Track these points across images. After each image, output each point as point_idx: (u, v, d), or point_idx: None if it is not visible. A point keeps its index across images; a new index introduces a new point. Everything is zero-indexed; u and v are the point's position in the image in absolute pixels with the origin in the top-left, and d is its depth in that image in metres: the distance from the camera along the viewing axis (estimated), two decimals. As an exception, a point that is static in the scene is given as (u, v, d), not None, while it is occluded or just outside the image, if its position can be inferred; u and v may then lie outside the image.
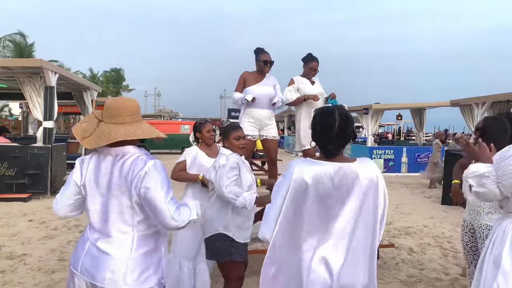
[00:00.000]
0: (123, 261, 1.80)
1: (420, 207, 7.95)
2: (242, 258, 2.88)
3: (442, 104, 13.56)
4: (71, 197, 1.94)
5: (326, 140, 1.75)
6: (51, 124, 8.53)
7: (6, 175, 8.17)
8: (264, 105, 4.24)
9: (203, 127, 3.44)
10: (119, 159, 1.84)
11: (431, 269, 4.37)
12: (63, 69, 10.93)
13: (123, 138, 1.83)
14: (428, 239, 5.59)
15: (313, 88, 4.40)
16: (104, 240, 1.84)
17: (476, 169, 1.97)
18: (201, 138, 3.45)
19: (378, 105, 14.42)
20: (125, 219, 1.84)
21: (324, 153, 1.79)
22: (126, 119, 1.87)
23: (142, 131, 1.88)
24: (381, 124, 32.21)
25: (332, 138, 1.74)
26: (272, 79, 4.34)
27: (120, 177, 1.81)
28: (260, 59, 4.22)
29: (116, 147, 1.85)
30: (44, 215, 6.64)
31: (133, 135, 1.85)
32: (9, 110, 25.68)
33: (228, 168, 2.76)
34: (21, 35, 24.64)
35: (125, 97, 2.04)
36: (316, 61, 4.42)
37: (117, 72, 38.55)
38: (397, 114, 21.48)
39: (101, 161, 1.88)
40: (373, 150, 13.41)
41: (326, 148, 1.76)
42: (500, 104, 9.81)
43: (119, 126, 1.86)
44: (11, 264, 4.37)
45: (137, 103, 1.95)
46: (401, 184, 11.23)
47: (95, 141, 1.83)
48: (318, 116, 1.82)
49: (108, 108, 1.89)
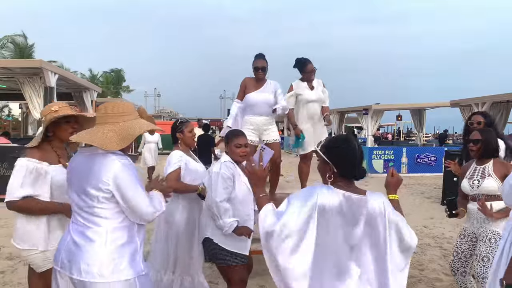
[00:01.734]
0: (97, 254, 1.85)
1: (420, 207, 7.95)
2: (239, 262, 2.82)
3: (442, 105, 13.56)
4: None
5: (355, 164, 1.76)
6: (51, 124, 8.52)
7: (6, 175, 8.15)
8: (262, 111, 4.20)
9: (185, 126, 3.20)
10: (91, 157, 1.93)
11: (431, 269, 4.37)
12: (63, 70, 10.93)
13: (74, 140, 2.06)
14: (428, 240, 5.60)
15: (311, 94, 4.39)
16: (80, 233, 1.90)
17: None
18: (182, 138, 3.20)
19: (378, 105, 14.42)
20: (98, 213, 1.89)
21: (353, 177, 1.78)
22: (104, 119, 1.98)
23: (95, 138, 1.92)
24: (381, 124, 32.22)
25: (358, 162, 1.77)
26: (273, 84, 4.26)
27: (92, 175, 1.88)
28: (253, 65, 4.19)
29: (91, 146, 1.95)
30: (44, 215, 6.63)
31: (91, 141, 1.91)
32: (8, 110, 25.67)
33: (222, 178, 2.72)
34: (21, 35, 24.66)
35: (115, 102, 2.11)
36: (310, 63, 4.40)
37: (117, 72, 38.54)
38: (397, 115, 21.49)
39: (76, 159, 2.02)
40: (373, 151, 13.40)
41: (358, 171, 1.77)
42: (500, 104, 9.82)
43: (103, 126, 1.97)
44: (11, 265, 4.37)
45: (104, 105, 2.04)
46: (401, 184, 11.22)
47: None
48: (340, 143, 1.79)
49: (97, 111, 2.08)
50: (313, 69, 4.39)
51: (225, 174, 2.73)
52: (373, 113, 14.13)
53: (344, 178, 1.77)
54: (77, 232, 1.90)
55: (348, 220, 1.67)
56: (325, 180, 1.81)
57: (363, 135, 16.94)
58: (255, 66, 4.17)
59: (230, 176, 2.75)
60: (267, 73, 4.23)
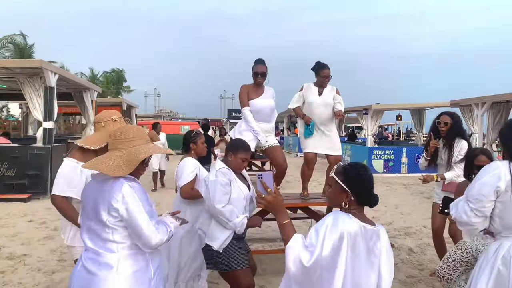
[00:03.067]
0: (109, 282, 1.82)
1: (419, 207, 7.96)
2: (244, 265, 2.80)
3: (442, 105, 13.55)
4: None
5: (372, 191, 1.78)
6: (51, 124, 8.54)
7: (6, 176, 8.17)
8: (266, 118, 4.18)
9: (199, 138, 3.42)
10: (102, 182, 1.92)
11: (430, 269, 4.37)
12: (63, 70, 10.93)
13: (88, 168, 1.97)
14: (427, 240, 5.59)
15: (317, 98, 4.30)
16: (92, 260, 1.87)
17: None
18: (195, 149, 3.41)
19: (378, 105, 14.42)
20: (109, 239, 1.87)
21: (370, 204, 1.79)
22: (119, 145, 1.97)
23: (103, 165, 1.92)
24: (381, 124, 32.20)
25: (373, 189, 1.79)
26: (271, 91, 4.24)
27: (102, 199, 1.87)
28: (253, 70, 4.14)
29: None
30: (44, 215, 6.64)
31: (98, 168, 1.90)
32: (7, 110, 25.67)
33: (220, 185, 2.71)
34: (21, 35, 24.66)
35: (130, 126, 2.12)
36: (328, 68, 4.29)
37: (117, 72, 38.56)
38: (397, 115, 21.48)
39: (89, 185, 2.02)
40: (373, 151, 13.41)
41: (374, 197, 1.79)
42: (500, 104, 9.82)
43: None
44: (11, 265, 4.38)
45: (115, 131, 2.03)
46: (400, 184, 11.24)
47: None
48: (359, 171, 1.79)
49: (111, 136, 2.05)
50: (329, 75, 4.29)
51: (223, 181, 2.72)
52: (373, 113, 14.14)
53: (359, 205, 1.78)
54: (89, 259, 1.88)
55: (364, 250, 1.70)
56: (337, 206, 1.81)
57: (363, 135, 16.94)
58: (255, 71, 4.11)
59: (228, 182, 2.75)
60: (266, 79, 4.17)
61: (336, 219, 1.70)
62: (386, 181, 11.84)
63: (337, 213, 1.76)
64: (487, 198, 1.85)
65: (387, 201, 8.53)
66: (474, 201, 1.89)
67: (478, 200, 1.87)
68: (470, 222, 1.90)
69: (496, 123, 9.87)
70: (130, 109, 16.07)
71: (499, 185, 1.82)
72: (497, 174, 1.83)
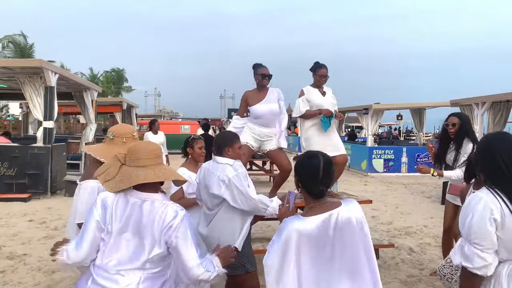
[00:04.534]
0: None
1: (420, 207, 7.95)
2: (254, 268, 2.77)
3: (442, 104, 13.57)
4: (94, 240, 1.89)
5: (313, 182, 1.78)
6: (51, 124, 8.54)
7: (6, 175, 8.17)
8: (268, 123, 4.10)
9: (195, 143, 3.34)
10: (149, 204, 1.86)
11: (431, 269, 4.37)
12: (63, 69, 10.93)
13: (143, 181, 1.85)
14: (428, 239, 5.60)
15: (323, 99, 4.27)
16: (109, 279, 1.81)
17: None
18: (191, 154, 3.35)
19: (378, 105, 14.42)
20: (138, 262, 1.82)
21: (314, 196, 1.80)
22: (146, 162, 1.91)
23: (162, 174, 1.92)
24: (381, 124, 32.22)
25: (319, 179, 1.77)
26: (276, 92, 4.16)
27: (149, 222, 1.82)
28: (258, 72, 4.07)
29: (141, 191, 1.89)
30: (44, 215, 6.64)
31: (152, 178, 1.87)
32: (7, 110, 25.68)
33: (244, 177, 2.65)
34: (22, 35, 24.68)
35: (146, 142, 2.08)
36: (325, 68, 4.28)
37: (118, 72, 38.57)
38: (397, 114, 21.51)
39: (129, 202, 1.88)
40: (373, 150, 13.41)
41: (315, 189, 1.78)
42: (500, 104, 9.82)
43: (140, 169, 1.89)
44: (11, 264, 4.38)
45: (156, 147, 2.01)
46: (401, 184, 11.23)
47: (117, 184, 1.88)
48: (303, 161, 1.84)
49: (130, 151, 1.96)
50: (326, 74, 4.27)
51: (243, 172, 2.70)
52: (373, 113, 14.14)
53: (310, 196, 1.80)
54: (106, 278, 1.82)
55: (322, 242, 1.71)
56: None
57: (363, 135, 16.94)
58: (261, 73, 4.04)
59: (246, 173, 2.75)
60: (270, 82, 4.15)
61: (283, 224, 1.77)
62: (386, 180, 11.84)
63: (284, 222, 1.80)
64: (491, 231, 1.68)
65: (387, 200, 8.51)
66: (479, 239, 1.69)
67: (484, 238, 1.68)
68: (488, 262, 1.69)
69: (496, 123, 9.87)
70: (130, 108, 16.06)
71: (495, 217, 1.67)
72: (487, 206, 1.67)
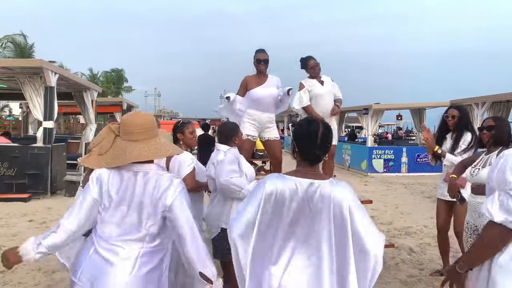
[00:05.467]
0: (125, 273, 1.78)
1: (420, 207, 7.95)
2: None
3: (442, 105, 13.54)
4: (90, 213, 1.89)
5: (311, 146, 1.75)
6: (51, 124, 8.54)
7: (6, 175, 8.17)
8: (267, 107, 4.19)
9: (185, 127, 3.23)
10: (143, 176, 1.86)
11: (431, 269, 4.37)
12: (63, 69, 10.92)
13: (135, 159, 1.84)
14: (428, 239, 5.59)
15: (322, 88, 4.43)
16: (110, 250, 1.82)
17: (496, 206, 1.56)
18: (182, 139, 3.23)
19: (378, 105, 14.41)
20: (138, 234, 1.83)
21: (308, 160, 1.78)
22: (139, 136, 1.89)
23: (155, 151, 1.89)
24: (381, 124, 32.23)
25: (317, 145, 1.75)
26: (275, 79, 4.28)
27: (144, 193, 1.83)
28: (255, 58, 4.21)
29: (135, 163, 1.87)
30: (44, 215, 6.64)
31: (145, 156, 1.85)
32: (9, 110, 25.68)
33: (228, 161, 2.78)
34: (22, 35, 24.67)
35: (139, 113, 1.99)
36: (312, 59, 4.46)
37: (117, 72, 38.56)
38: (397, 114, 21.48)
39: (123, 177, 1.87)
40: (373, 150, 13.40)
41: (312, 154, 1.76)
42: (500, 104, 9.82)
43: (133, 144, 1.87)
44: (11, 264, 4.37)
45: (149, 119, 1.94)
46: (400, 184, 11.23)
47: (112, 160, 1.87)
48: (304, 124, 1.82)
49: (122, 123, 1.92)
50: (316, 63, 4.43)
51: (230, 158, 2.81)
52: (373, 113, 14.13)
53: (303, 160, 1.78)
54: (107, 248, 1.82)
55: (287, 205, 1.69)
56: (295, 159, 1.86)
57: (363, 135, 16.93)
58: (257, 58, 4.18)
59: (235, 159, 2.82)
60: (268, 68, 4.24)
61: (262, 181, 1.78)
62: (386, 180, 11.83)
63: (267, 176, 1.82)
64: None
65: (387, 200, 8.51)
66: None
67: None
68: None
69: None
70: (130, 109, 16.04)
71: None
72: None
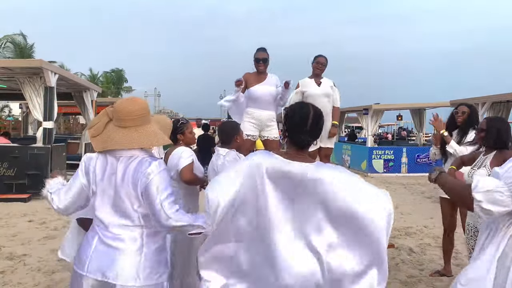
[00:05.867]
0: (134, 257, 1.83)
1: (420, 207, 7.95)
2: None
3: (442, 105, 13.54)
4: (78, 197, 1.99)
5: (300, 130, 1.74)
6: (51, 124, 8.53)
7: (6, 175, 8.16)
8: (266, 106, 4.20)
9: (185, 127, 3.22)
10: (126, 160, 1.90)
11: (431, 269, 4.37)
12: (63, 70, 10.93)
13: (119, 147, 1.88)
14: (428, 240, 5.59)
15: (317, 89, 4.42)
16: (114, 237, 1.86)
17: (485, 185, 1.66)
18: (183, 139, 3.21)
19: (378, 105, 14.41)
20: (134, 217, 1.87)
21: (297, 145, 1.76)
22: (127, 123, 1.90)
23: (145, 139, 1.91)
24: (381, 124, 32.20)
25: (306, 129, 1.74)
26: (274, 78, 4.28)
27: (127, 177, 1.86)
28: (253, 57, 4.22)
29: (122, 149, 1.91)
30: (44, 215, 6.64)
31: (129, 144, 1.88)
32: (9, 110, 25.67)
33: (228, 163, 2.79)
34: (21, 35, 24.67)
35: (131, 99, 1.99)
36: (324, 57, 4.50)
37: (117, 72, 38.54)
38: (397, 115, 21.47)
39: (108, 162, 1.92)
40: (373, 151, 13.40)
41: (301, 138, 1.74)
42: (500, 104, 9.82)
43: (121, 130, 1.90)
44: (11, 265, 4.37)
45: (141, 107, 1.94)
46: (400, 184, 11.23)
47: (101, 144, 1.92)
48: (295, 108, 1.82)
49: (114, 109, 1.94)
50: (323, 62, 4.45)
51: (230, 160, 2.81)
52: (373, 113, 14.13)
53: (292, 144, 1.77)
54: (110, 236, 1.86)
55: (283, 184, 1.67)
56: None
57: (363, 135, 16.93)
58: (256, 57, 4.19)
59: (234, 162, 2.78)
60: (268, 66, 4.24)
61: (248, 156, 1.79)
62: (386, 181, 11.83)
63: (255, 152, 1.83)
64: None
65: (387, 201, 8.50)
66: None
67: None
68: None
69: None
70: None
71: None
72: None
